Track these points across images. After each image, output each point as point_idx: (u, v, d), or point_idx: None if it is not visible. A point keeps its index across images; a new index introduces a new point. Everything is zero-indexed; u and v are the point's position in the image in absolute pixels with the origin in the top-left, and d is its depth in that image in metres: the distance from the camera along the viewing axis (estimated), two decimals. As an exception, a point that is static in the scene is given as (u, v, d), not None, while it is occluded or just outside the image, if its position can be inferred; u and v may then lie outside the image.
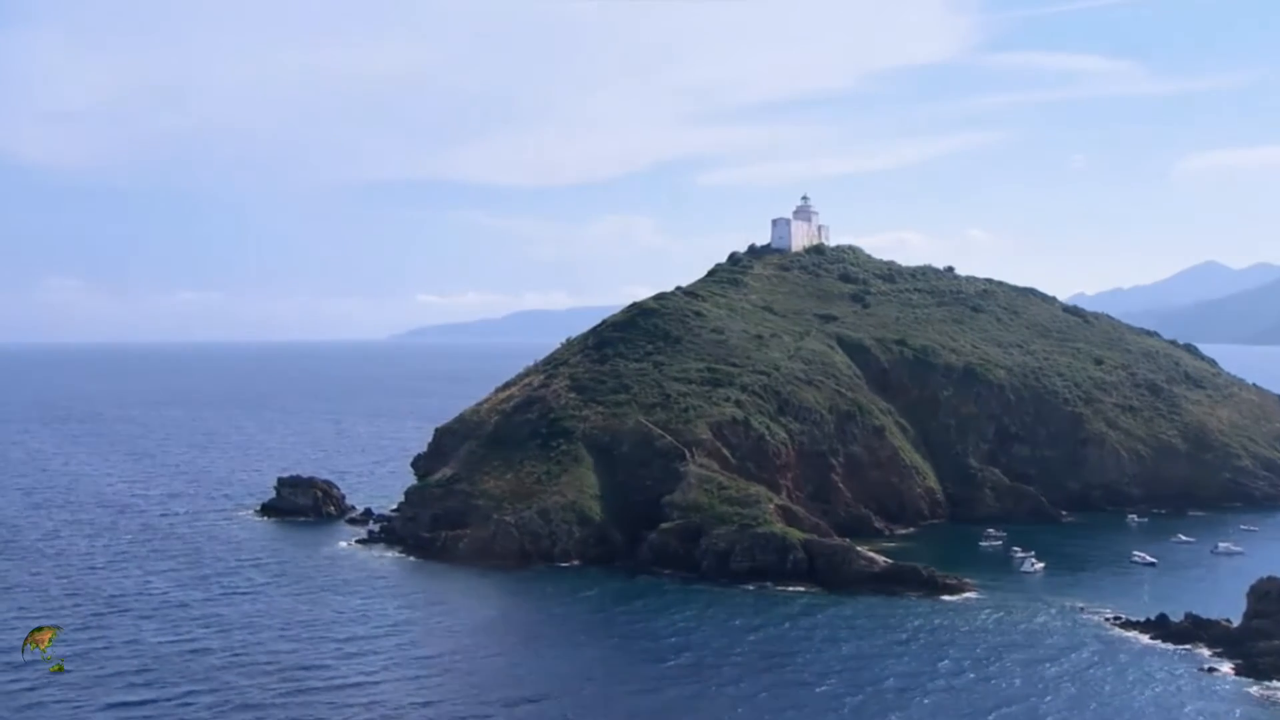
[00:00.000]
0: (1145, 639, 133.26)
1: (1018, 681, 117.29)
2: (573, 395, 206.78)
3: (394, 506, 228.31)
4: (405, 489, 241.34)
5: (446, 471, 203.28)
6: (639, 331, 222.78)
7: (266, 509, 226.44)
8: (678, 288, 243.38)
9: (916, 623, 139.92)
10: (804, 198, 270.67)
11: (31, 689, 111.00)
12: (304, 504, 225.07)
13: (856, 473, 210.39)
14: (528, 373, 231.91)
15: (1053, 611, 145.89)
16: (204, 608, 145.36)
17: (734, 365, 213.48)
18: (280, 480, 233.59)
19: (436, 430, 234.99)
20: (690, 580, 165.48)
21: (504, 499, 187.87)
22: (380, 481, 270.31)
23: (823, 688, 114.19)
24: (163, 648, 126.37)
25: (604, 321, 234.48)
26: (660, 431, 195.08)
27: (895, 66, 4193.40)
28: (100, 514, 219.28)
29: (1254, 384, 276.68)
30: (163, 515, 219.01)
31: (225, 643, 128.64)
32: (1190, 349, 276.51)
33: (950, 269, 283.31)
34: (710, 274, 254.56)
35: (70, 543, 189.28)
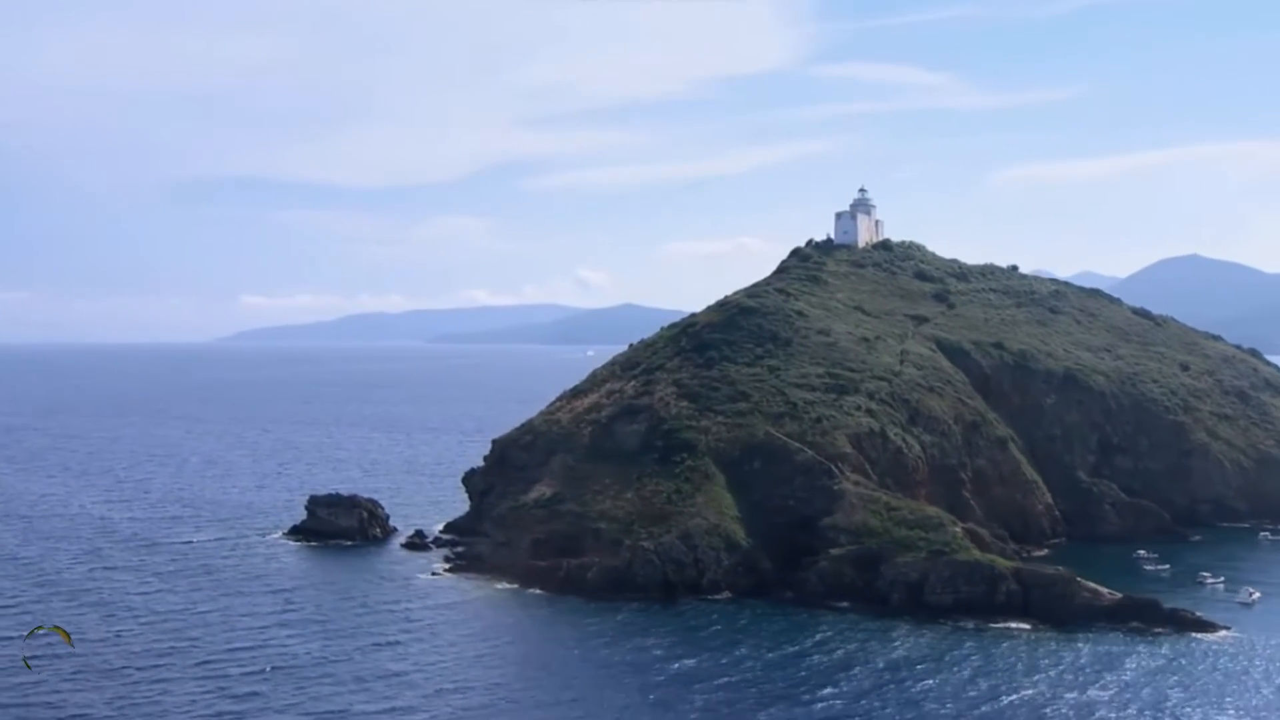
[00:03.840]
0: None
1: None
2: (684, 403, 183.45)
3: (441, 527, 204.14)
4: (457, 506, 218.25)
5: (544, 490, 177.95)
6: (742, 333, 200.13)
7: (299, 532, 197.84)
8: (755, 284, 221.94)
9: (1256, 674, 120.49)
10: (861, 190, 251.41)
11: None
12: (347, 526, 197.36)
13: (983, 488, 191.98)
14: (602, 377, 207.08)
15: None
16: (378, 669, 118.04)
17: (852, 370, 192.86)
18: (314, 500, 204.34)
19: (495, 442, 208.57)
20: (880, 615, 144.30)
21: (632, 522, 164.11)
22: (382, 497, 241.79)
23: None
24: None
25: (692, 320, 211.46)
26: (798, 444, 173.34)
27: (728, 75, 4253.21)
28: (110, 544, 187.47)
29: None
30: (185, 544, 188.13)
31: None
32: (1255, 353, 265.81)
33: (1014, 267, 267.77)
34: (783, 270, 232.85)
35: (115, 583, 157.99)
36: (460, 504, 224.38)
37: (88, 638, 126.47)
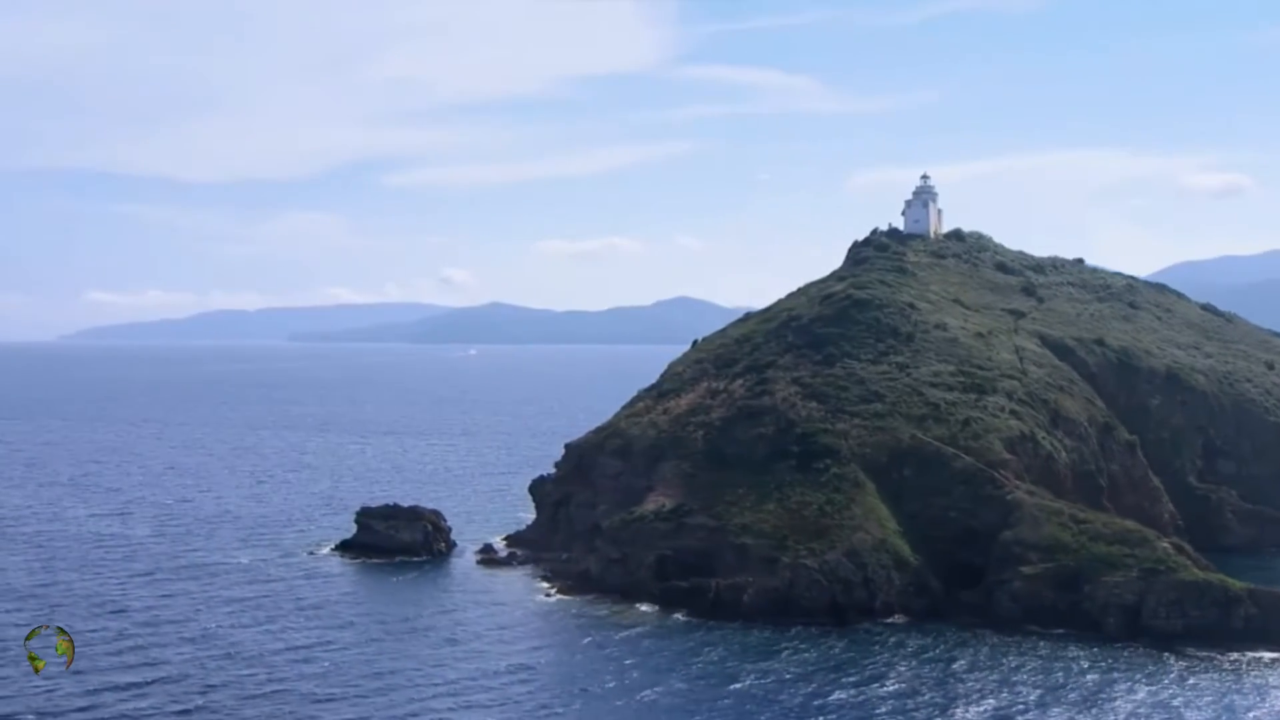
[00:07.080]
0: None
1: None
2: (812, 404, 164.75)
3: (503, 538, 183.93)
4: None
5: (662, 501, 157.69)
6: (859, 327, 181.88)
7: (352, 548, 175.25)
8: (837, 272, 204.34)
9: None
10: (924, 176, 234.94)
11: None
12: (410, 540, 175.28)
13: (1115, 496, 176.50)
14: (690, 375, 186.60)
15: None
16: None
17: (981, 368, 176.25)
18: (367, 511, 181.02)
19: (569, 447, 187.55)
20: (1094, 642, 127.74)
21: (783, 538, 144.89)
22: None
23: None
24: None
25: (794, 313, 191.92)
26: (953, 450, 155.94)
27: (590, 75, 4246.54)
28: (152, 568, 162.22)
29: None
30: (236, 566, 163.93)
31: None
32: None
33: (1079, 260, 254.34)
34: (863, 260, 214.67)
35: (204, 619, 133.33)
36: (492, 512, 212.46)
37: (246, 691, 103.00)
